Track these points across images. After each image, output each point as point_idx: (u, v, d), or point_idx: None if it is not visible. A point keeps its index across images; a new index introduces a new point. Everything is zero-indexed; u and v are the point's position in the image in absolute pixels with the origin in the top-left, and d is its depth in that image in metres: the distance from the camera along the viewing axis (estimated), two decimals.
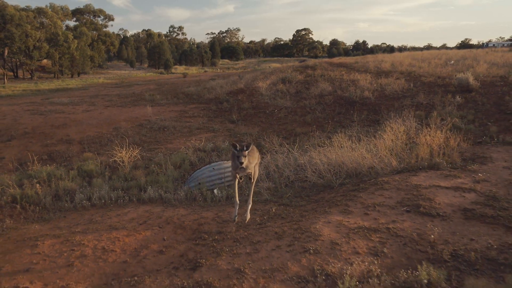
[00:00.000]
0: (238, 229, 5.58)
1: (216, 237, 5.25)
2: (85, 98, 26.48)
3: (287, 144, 11.17)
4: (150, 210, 7.15)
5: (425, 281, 3.64)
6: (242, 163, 5.21)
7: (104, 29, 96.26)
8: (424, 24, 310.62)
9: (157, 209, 7.22)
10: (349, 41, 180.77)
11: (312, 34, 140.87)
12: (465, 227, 5.03)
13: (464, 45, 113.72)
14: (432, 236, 4.71)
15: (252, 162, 5.64)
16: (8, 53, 61.90)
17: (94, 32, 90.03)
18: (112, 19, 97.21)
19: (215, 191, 8.44)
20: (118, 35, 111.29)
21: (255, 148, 5.86)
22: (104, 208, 7.68)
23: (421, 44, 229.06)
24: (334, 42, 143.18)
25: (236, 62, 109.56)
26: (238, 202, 5.63)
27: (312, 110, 16.72)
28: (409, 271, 3.85)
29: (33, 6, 79.11)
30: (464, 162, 8.23)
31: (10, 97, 30.77)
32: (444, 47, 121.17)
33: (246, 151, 5.30)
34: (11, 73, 65.24)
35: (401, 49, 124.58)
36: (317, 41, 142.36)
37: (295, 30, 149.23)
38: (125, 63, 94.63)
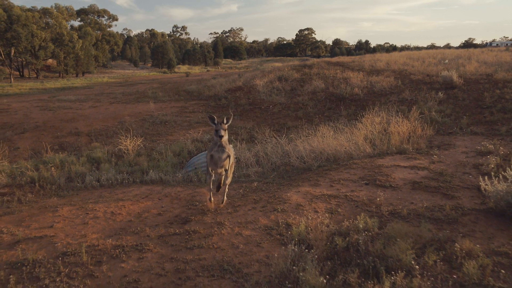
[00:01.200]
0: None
1: (205, 203, 6.33)
2: (91, 95, 27.65)
3: (278, 136, 12.24)
4: (151, 188, 8.23)
5: (361, 226, 4.72)
6: (222, 136, 5.13)
7: (108, 29, 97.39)
8: (428, 23, 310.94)
9: (157, 187, 8.29)
10: (352, 41, 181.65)
11: (314, 34, 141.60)
12: (410, 195, 6.10)
13: (468, 44, 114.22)
14: (379, 199, 5.81)
15: (230, 151, 5.52)
16: (14, 52, 63.16)
17: (98, 32, 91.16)
18: (116, 19, 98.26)
19: None
20: (122, 35, 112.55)
21: (231, 149, 5.72)
22: (111, 187, 8.77)
23: (425, 43, 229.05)
24: (337, 42, 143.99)
25: (239, 61, 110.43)
26: (212, 188, 5.82)
27: (304, 106, 17.83)
28: (350, 221, 4.94)
29: (39, 6, 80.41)
30: (429, 148, 9.30)
31: (18, 95, 31.93)
32: (447, 46, 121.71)
33: (226, 124, 5.25)
34: (17, 73, 66.48)
35: (405, 48, 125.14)
36: (320, 41, 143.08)
37: (298, 29, 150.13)
38: (129, 62, 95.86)
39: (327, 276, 3.79)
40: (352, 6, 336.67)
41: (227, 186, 5.90)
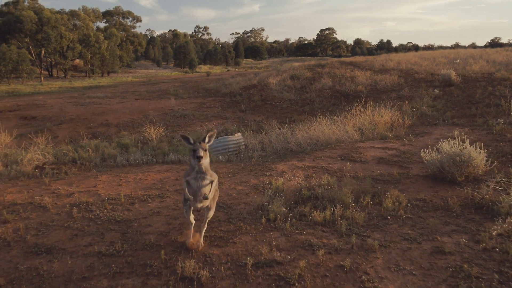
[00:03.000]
0: (229, 169, 8.39)
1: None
2: (117, 93, 29.79)
3: (283, 127, 13.90)
4: (171, 166, 10.01)
5: (323, 182, 6.37)
6: (200, 158, 3.93)
7: (132, 30, 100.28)
8: (453, 22, 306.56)
9: (176, 165, 10.07)
10: (374, 40, 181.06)
11: (336, 34, 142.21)
12: (373, 166, 7.71)
13: (494, 43, 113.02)
14: (345, 168, 7.44)
15: (213, 176, 4.34)
16: (44, 53, 66.29)
17: (123, 33, 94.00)
18: (140, 20, 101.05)
19: (220, 157, 11.25)
20: (145, 35, 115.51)
21: (214, 174, 4.42)
22: (138, 166, 10.58)
23: (449, 43, 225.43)
24: (358, 42, 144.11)
25: (260, 61, 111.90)
26: (192, 221, 4.54)
27: (311, 102, 19.46)
28: (318, 180, 6.60)
29: (67, 9, 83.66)
30: (407, 135, 10.83)
31: (49, 93, 34.31)
32: (472, 46, 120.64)
33: (207, 143, 4.13)
34: (46, 72, 69.59)
35: (427, 48, 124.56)
36: (341, 41, 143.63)
37: (319, 29, 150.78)
38: (152, 62, 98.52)
39: (289, 208, 5.49)
40: (376, 5, 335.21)
41: (206, 223, 4.61)
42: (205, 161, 4.09)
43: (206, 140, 4.11)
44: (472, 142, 8.27)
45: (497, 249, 4.15)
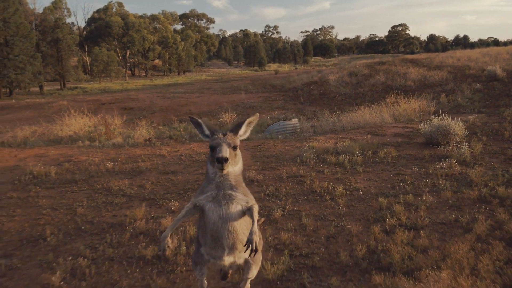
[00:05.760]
0: (280, 140, 11.51)
1: (270, 142, 11.25)
2: (194, 89, 34.01)
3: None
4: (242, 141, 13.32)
5: (345, 144, 9.31)
6: (225, 160, 2.34)
7: (206, 31, 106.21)
8: None
9: (245, 141, 13.36)
10: (451, 36, 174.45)
11: (408, 30, 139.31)
12: (388, 138, 10.46)
13: None
14: (365, 137, 10.30)
15: (247, 195, 2.58)
16: (129, 54, 73.16)
17: (197, 34, 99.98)
18: (213, 22, 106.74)
19: (279, 136, 14.43)
20: (217, 35, 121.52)
21: (248, 192, 2.66)
22: None
23: None
24: (432, 37, 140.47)
25: (329, 59, 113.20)
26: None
27: (363, 96, 22.06)
28: (341, 143, 9.56)
29: (148, 13, 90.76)
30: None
31: (136, 90, 39.34)
32: None
33: (240, 136, 2.62)
34: (129, 72, 76.63)
35: (508, 43, 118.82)
36: (414, 37, 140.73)
37: (391, 26, 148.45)
38: (223, 61, 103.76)
39: (316, 156, 8.54)
40: None
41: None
42: (235, 169, 2.53)
43: (242, 130, 2.60)
44: (474, 123, 10.82)
45: (431, 171, 6.96)
